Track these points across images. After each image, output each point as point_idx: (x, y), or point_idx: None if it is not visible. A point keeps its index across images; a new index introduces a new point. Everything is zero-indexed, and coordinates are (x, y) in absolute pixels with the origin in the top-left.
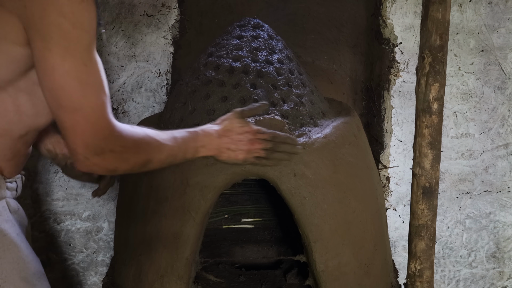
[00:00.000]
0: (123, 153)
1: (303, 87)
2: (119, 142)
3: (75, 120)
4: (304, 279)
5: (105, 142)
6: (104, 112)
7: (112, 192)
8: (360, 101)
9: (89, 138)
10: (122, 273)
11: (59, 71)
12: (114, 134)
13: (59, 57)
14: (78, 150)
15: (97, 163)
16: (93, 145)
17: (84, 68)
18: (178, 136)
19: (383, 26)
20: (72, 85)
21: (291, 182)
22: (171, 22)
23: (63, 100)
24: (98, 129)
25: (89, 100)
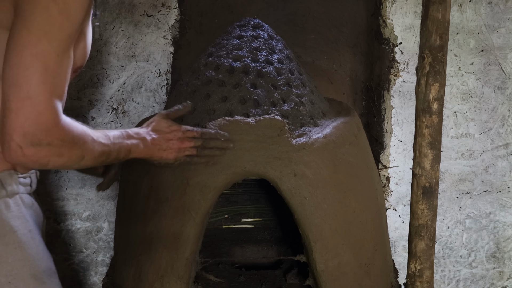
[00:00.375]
0: (59, 148)
1: (303, 87)
2: (59, 136)
3: (23, 103)
4: (304, 279)
5: (45, 134)
6: (54, 105)
7: (112, 192)
8: (360, 101)
9: (30, 127)
10: (122, 273)
11: (30, 50)
12: (57, 128)
13: (35, 37)
14: (14, 136)
15: (29, 154)
16: (31, 135)
17: (55, 57)
18: (110, 135)
19: (383, 26)
20: (36, 69)
21: (291, 182)
22: (171, 22)
23: (19, 78)
24: (43, 120)
25: (46, 88)
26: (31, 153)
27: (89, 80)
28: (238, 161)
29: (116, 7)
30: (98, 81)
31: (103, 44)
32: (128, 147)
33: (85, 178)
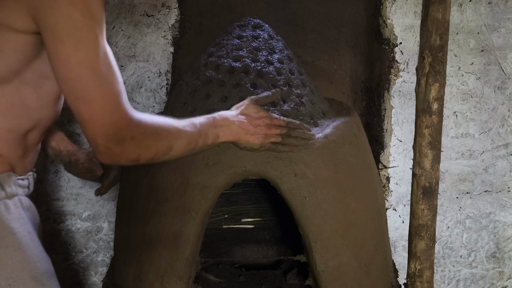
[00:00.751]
0: (144, 141)
1: (303, 87)
2: (138, 129)
3: (92, 110)
4: (304, 279)
5: (125, 131)
6: (120, 101)
7: (112, 192)
8: (360, 101)
9: (108, 128)
10: (122, 273)
11: (72, 62)
12: (133, 122)
13: (72, 47)
14: (99, 141)
15: (119, 152)
16: (113, 135)
17: (96, 57)
18: (197, 122)
19: (383, 26)
20: (87, 75)
21: (292, 182)
22: (171, 22)
23: (79, 91)
24: (116, 118)
25: (104, 89)
26: (119, 150)
27: None
28: (238, 161)
29: (116, 7)
30: None
31: None
32: (216, 133)
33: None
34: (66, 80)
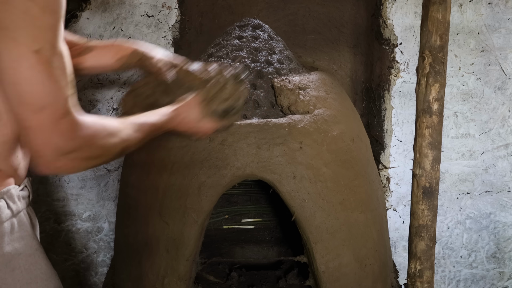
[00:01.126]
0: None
1: None
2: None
3: (41, 119)
4: (305, 280)
5: (73, 142)
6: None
7: (113, 193)
8: (360, 102)
9: (56, 139)
10: (122, 273)
11: (25, 64)
12: (82, 132)
13: (26, 47)
14: (45, 152)
15: (61, 165)
16: (60, 146)
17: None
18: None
19: (383, 27)
20: (39, 80)
21: (291, 185)
22: (171, 22)
23: (28, 97)
24: (65, 128)
25: (56, 96)
26: (63, 163)
27: (89, 80)
28: (238, 163)
29: (116, 8)
30: (98, 81)
31: None
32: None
33: (86, 179)
34: (14, 83)
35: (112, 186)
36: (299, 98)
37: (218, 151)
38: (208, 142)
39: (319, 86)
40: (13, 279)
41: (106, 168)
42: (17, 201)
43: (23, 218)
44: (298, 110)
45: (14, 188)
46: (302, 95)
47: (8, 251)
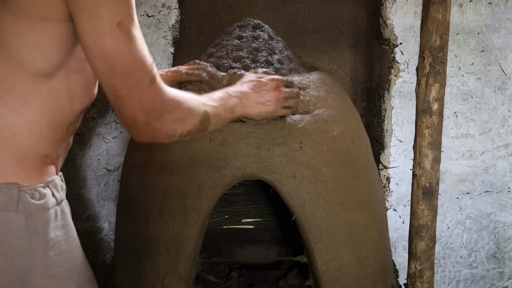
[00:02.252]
0: (179, 114)
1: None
2: (174, 103)
3: (131, 85)
4: (305, 280)
5: (162, 105)
6: (155, 74)
7: (113, 193)
8: (360, 102)
9: (147, 103)
10: (122, 273)
11: (111, 37)
12: (169, 95)
13: (109, 22)
14: (138, 117)
15: (158, 128)
16: (152, 109)
17: (133, 29)
18: (215, 97)
19: (383, 27)
20: (125, 50)
21: (291, 185)
22: (171, 22)
23: (117, 66)
24: (154, 92)
25: (141, 62)
26: (158, 126)
27: None
28: (238, 163)
29: None
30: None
31: None
32: (232, 107)
33: (86, 179)
34: (104, 57)
35: (112, 186)
36: (299, 98)
37: (218, 151)
38: (208, 142)
39: (319, 86)
40: (54, 265)
41: (106, 168)
42: (60, 190)
43: (64, 208)
44: (298, 110)
45: (58, 178)
46: (302, 95)
47: (52, 237)
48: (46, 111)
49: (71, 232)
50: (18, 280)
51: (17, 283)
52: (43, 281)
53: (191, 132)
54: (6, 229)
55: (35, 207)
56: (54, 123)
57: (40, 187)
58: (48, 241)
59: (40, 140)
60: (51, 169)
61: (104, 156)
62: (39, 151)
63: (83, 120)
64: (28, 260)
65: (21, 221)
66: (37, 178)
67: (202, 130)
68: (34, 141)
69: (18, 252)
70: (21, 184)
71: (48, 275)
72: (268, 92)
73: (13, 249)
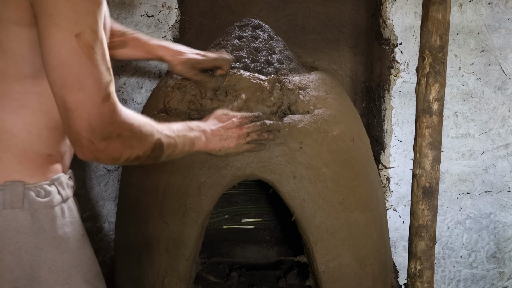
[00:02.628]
0: (129, 139)
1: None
2: (126, 126)
3: (80, 100)
4: (305, 280)
5: (112, 126)
6: (110, 93)
7: (113, 193)
8: (360, 102)
9: (95, 121)
10: (122, 273)
11: (66, 47)
12: (121, 117)
13: (67, 31)
14: (83, 133)
15: (102, 149)
16: (100, 129)
17: (93, 44)
18: (174, 128)
19: (383, 27)
20: (80, 62)
21: (291, 185)
22: (171, 22)
23: (69, 78)
24: (105, 111)
25: (96, 78)
26: (103, 147)
27: None
28: (238, 163)
29: (116, 8)
30: None
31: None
32: (192, 139)
33: (85, 179)
34: (56, 66)
35: (112, 186)
36: (299, 98)
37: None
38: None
39: (319, 86)
40: (62, 261)
41: (106, 168)
42: (66, 188)
43: (72, 205)
44: (298, 110)
45: (64, 176)
46: (302, 95)
47: (59, 235)
48: (42, 112)
49: (79, 228)
50: (26, 276)
51: (25, 279)
52: (51, 277)
53: (139, 158)
54: (13, 226)
55: (40, 205)
56: (52, 123)
57: (46, 184)
58: (55, 238)
59: (40, 141)
60: (56, 167)
61: None
62: (41, 151)
63: None
64: (36, 256)
65: (27, 218)
66: (42, 176)
67: (153, 158)
68: (35, 141)
69: (25, 248)
70: (26, 181)
71: (55, 271)
72: (231, 129)
73: (20, 246)
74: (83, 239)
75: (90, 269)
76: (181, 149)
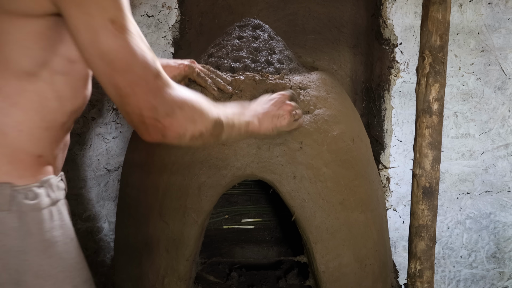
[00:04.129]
0: (191, 113)
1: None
2: (185, 100)
3: (134, 81)
4: (305, 280)
5: (172, 100)
6: (159, 70)
7: (113, 193)
8: (360, 102)
9: (155, 98)
10: (122, 273)
11: (105, 34)
12: (178, 91)
13: (100, 19)
14: (146, 113)
15: (168, 125)
16: (162, 104)
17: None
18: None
19: (383, 27)
20: (123, 45)
21: (291, 185)
22: (171, 22)
23: (117, 63)
24: (160, 86)
25: (141, 57)
26: (168, 123)
27: None
28: (238, 163)
29: None
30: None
31: None
32: (247, 122)
33: (86, 179)
34: (101, 55)
35: (112, 186)
36: (299, 98)
37: (218, 151)
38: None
39: (319, 86)
40: (49, 265)
41: (106, 168)
42: (56, 190)
43: (62, 208)
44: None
45: (54, 178)
46: (302, 95)
47: (47, 238)
48: (35, 111)
49: (68, 232)
50: (12, 280)
51: (12, 284)
52: (38, 282)
53: (203, 135)
54: (0, 229)
55: (28, 207)
56: (45, 123)
57: (35, 186)
58: (43, 242)
59: (32, 141)
60: (47, 169)
61: (104, 156)
62: (32, 151)
63: (83, 120)
64: (22, 260)
65: (14, 221)
66: (32, 177)
67: (215, 136)
68: (26, 141)
69: (12, 252)
70: (15, 183)
71: (42, 276)
72: (282, 105)
73: (7, 249)
74: (73, 243)
75: (79, 275)
76: (237, 130)
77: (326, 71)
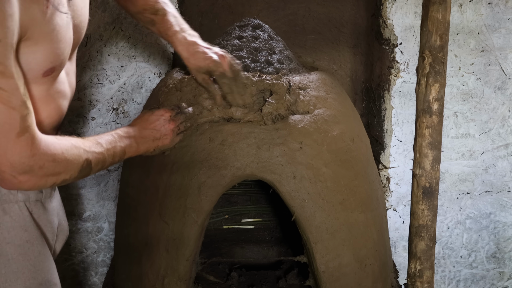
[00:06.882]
0: (53, 167)
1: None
2: (48, 157)
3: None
4: (305, 280)
5: (32, 159)
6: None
7: (113, 193)
8: (360, 102)
9: (13, 156)
10: (122, 273)
11: None
12: (41, 149)
13: None
14: (3, 168)
15: (24, 181)
16: (19, 163)
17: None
18: (102, 141)
19: (383, 27)
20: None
21: (291, 185)
22: None
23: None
24: (22, 145)
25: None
26: (25, 179)
27: (89, 80)
28: (238, 163)
29: (116, 8)
30: (98, 81)
31: (103, 44)
32: (122, 149)
33: (86, 179)
34: None
35: (112, 186)
36: (299, 98)
37: (218, 151)
38: (208, 142)
39: (319, 86)
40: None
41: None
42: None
43: (17, 209)
44: (298, 110)
45: None
46: (302, 95)
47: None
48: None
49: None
50: None
51: None
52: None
53: (66, 180)
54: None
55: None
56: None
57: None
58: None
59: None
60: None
61: None
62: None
63: (83, 120)
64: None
65: None
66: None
67: (81, 177)
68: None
69: None
70: None
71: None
72: (164, 126)
73: None
74: (27, 245)
75: (34, 277)
76: (111, 161)
77: (326, 71)
